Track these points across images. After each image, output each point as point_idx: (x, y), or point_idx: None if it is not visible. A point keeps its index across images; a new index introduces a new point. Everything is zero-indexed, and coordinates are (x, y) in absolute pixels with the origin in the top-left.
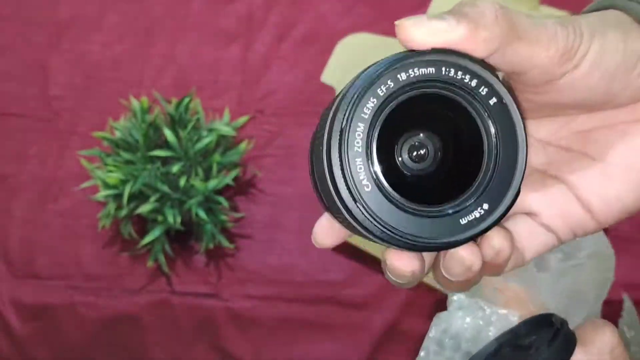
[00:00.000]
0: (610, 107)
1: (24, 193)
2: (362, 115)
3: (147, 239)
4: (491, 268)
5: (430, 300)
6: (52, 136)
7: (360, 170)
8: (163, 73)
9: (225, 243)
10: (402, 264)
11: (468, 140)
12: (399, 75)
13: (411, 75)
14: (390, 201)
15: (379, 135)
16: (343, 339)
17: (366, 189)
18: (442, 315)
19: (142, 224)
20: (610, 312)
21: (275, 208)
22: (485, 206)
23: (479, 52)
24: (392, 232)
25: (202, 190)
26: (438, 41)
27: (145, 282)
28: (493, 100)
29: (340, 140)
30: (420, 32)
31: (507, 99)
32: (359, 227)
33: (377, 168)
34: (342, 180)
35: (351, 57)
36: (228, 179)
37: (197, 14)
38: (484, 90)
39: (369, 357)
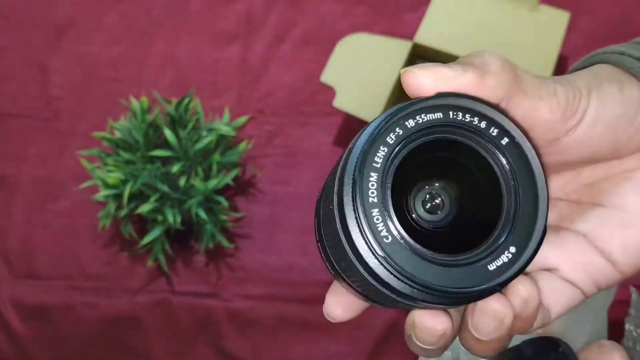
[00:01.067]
0: (615, 158)
1: (24, 193)
2: (374, 164)
3: (147, 239)
4: (521, 321)
5: None
6: (52, 136)
7: (378, 222)
8: (163, 73)
9: (225, 243)
10: (433, 322)
11: (484, 184)
12: (406, 123)
13: (419, 122)
14: (415, 252)
15: (392, 185)
16: (343, 339)
17: (386, 241)
18: None
19: (142, 224)
20: (616, 312)
21: (275, 208)
22: (513, 249)
23: (485, 98)
24: (422, 286)
25: (202, 190)
26: (445, 88)
27: (145, 282)
28: (505, 140)
29: (353, 192)
30: (427, 78)
31: (519, 137)
32: (381, 287)
33: (395, 218)
34: (359, 234)
35: (351, 57)
36: (228, 178)
37: (197, 14)
38: (494, 131)
39: (369, 357)
